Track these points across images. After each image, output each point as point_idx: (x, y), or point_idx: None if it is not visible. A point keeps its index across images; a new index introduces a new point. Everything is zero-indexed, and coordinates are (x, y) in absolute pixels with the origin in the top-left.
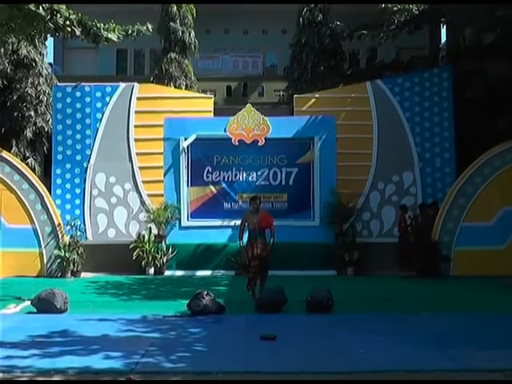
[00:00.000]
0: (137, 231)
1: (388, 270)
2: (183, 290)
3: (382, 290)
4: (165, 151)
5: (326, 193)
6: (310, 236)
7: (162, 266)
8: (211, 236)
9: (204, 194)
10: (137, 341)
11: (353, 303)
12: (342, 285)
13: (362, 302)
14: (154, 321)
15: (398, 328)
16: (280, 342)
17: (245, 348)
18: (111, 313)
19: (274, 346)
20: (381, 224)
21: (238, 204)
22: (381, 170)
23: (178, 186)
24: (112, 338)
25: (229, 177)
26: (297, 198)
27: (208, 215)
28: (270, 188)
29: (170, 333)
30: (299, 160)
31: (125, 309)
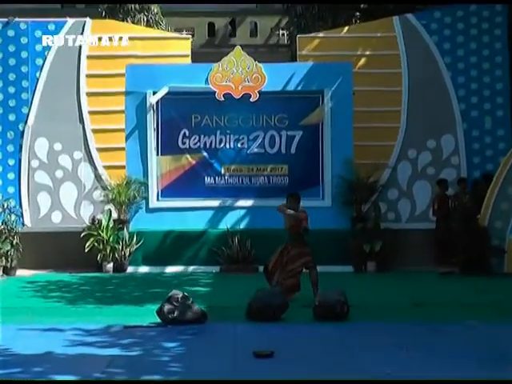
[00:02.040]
0: (90, 215)
1: (422, 264)
2: (152, 292)
3: (414, 291)
4: (126, 109)
5: (339, 164)
6: (318, 220)
7: (123, 261)
8: (188, 220)
9: (179, 166)
10: (90, 360)
11: (374, 309)
12: (361, 285)
13: (386, 307)
14: (112, 333)
15: (435, 341)
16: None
17: (233, 368)
18: (56, 322)
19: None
20: (412, 205)
21: (224, 178)
22: (412, 133)
23: (144, 154)
24: (57, 357)
25: (212, 143)
26: (301, 170)
27: (184, 193)
28: (266, 157)
29: (135, 349)
30: (304, 121)
31: (74, 317)
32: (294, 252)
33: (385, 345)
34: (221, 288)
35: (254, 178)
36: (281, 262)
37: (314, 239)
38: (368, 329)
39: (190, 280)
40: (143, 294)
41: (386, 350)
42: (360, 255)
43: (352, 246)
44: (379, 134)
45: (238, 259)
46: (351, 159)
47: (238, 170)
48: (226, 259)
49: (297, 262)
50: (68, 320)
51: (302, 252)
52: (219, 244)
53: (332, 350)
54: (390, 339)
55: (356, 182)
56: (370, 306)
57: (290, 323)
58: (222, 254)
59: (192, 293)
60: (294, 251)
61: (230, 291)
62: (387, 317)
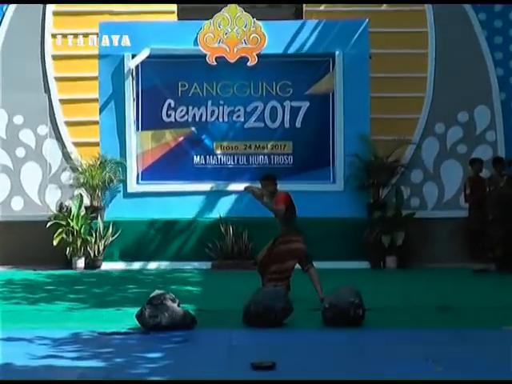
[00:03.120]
0: (57, 201)
1: (451, 260)
2: (131, 293)
3: (442, 291)
4: (100, 75)
5: (353, 140)
6: (328, 208)
7: (97, 256)
8: (174, 208)
9: (163, 143)
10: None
11: (395, 313)
12: (379, 284)
13: (408, 310)
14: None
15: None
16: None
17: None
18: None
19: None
20: (440, 189)
21: (216, 157)
22: (440, 104)
23: (121, 129)
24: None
25: (202, 115)
26: (308, 148)
27: (169, 175)
28: (266, 133)
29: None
30: (311, 89)
31: (39, 323)
32: (282, 248)
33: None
34: (213, 288)
35: (251, 156)
36: (268, 258)
37: (323, 230)
38: (387, 336)
39: (176, 278)
40: (120, 294)
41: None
42: (378, 249)
43: (368, 238)
44: (401, 105)
45: (233, 253)
46: (367, 135)
47: (232, 147)
48: (218, 253)
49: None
50: (31, 326)
51: (290, 249)
52: (211, 236)
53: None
54: (413, 348)
55: (373, 161)
56: (389, 309)
57: (295, 329)
58: (214, 247)
59: (179, 293)
60: (281, 247)
61: (224, 291)
62: (410, 322)
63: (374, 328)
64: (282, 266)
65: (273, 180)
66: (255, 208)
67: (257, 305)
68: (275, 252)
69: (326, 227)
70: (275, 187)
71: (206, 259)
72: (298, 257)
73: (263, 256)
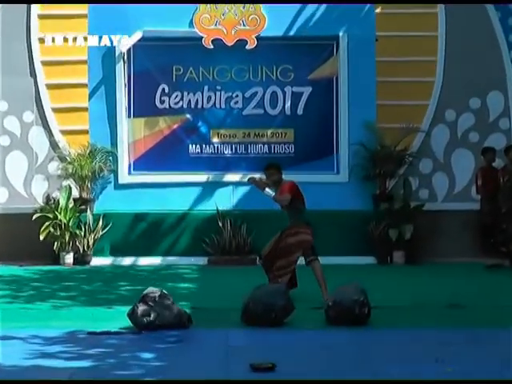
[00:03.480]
0: (44, 192)
1: (462, 255)
2: (122, 290)
3: (452, 288)
4: (90, 59)
5: (358, 128)
6: (331, 200)
7: (86, 251)
8: (168, 199)
9: (157, 131)
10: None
11: (402, 311)
12: (386, 280)
13: (417, 309)
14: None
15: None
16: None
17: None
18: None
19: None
20: (450, 180)
21: (213, 146)
22: (450, 89)
23: (112, 117)
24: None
25: (197, 101)
26: (310, 136)
27: (163, 165)
28: (266, 120)
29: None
30: (314, 74)
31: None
32: (289, 241)
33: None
34: (209, 285)
35: (250, 145)
36: (274, 252)
37: (326, 224)
38: (394, 336)
39: (170, 275)
40: (111, 292)
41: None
42: (385, 243)
43: (375, 231)
44: (409, 90)
45: (231, 248)
46: (373, 122)
47: (230, 135)
48: (215, 248)
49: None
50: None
51: (297, 241)
52: (207, 229)
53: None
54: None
55: (379, 151)
56: (396, 307)
57: (296, 329)
58: (211, 241)
59: (173, 291)
60: (288, 240)
61: (221, 289)
62: (418, 321)
63: (380, 327)
64: (288, 259)
65: (277, 169)
66: (254, 200)
67: (256, 303)
68: (281, 246)
69: (329, 220)
70: (280, 176)
71: (203, 254)
72: (304, 248)
73: (269, 250)
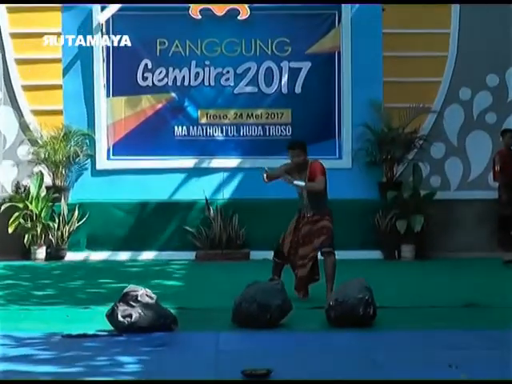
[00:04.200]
0: (13, 180)
1: (478, 249)
2: (100, 288)
3: (467, 286)
4: (64, 31)
5: (363, 108)
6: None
7: (60, 245)
8: (151, 188)
9: (139, 111)
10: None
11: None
12: (393, 277)
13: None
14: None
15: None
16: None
17: None
18: None
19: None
20: (465, 165)
21: (201, 128)
22: (465, 65)
23: (89, 95)
24: None
25: (184, 78)
26: (309, 117)
27: (145, 149)
28: (261, 99)
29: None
30: (314, 47)
31: None
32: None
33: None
34: (197, 282)
35: (243, 127)
36: (296, 242)
37: None
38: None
39: (153, 271)
40: (88, 290)
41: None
42: (392, 236)
43: (381, 223)
44: (419, 66)
45: (221, 242)
46: (380, 102)
47: (220, 116)
48: (204, 242)
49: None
50: None
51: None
52: (195, 221)
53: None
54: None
55: (386, 133)
56: (405, 307)
57: (294, 331)
58: (199, 234)
59: (157, 289)
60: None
61: (210, 287)
62: (430, 322)
63: (387, 329)
64: (308, 248)
65: (303, 148)
66: (247, 188)
67: (249, 302)
68: (304, 234)
69: None
70: (306, 157)
71: (190, 248)
72: (324, 235)
73: (289, 241)
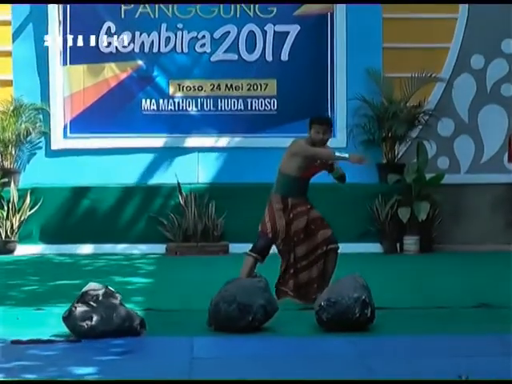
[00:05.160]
0: None
1: (492, 241)
2: (56, 287)
3: (479, 284)
4: None
5: (359, 78)
6: None
7: (10, 236)
8: (115, 170)
9: (100, 82)
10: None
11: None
12: (394, 273)
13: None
14: None
15: None
16: None
17: None
18: None
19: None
20: (477, 145)
21: (173, 102)
22: (478, 28)
23: (42, 63)
24: None
25: (153, 44)
26: (298, 88)
27: (108, 126)
28: (241, 68)
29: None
30: (302, 8)
31: None
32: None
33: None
34: (168, 279)
35: (221, 100)
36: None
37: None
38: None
39: (118, 266)
40: (42, 289)
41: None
42: (393, 226)
43: (380, 211)
44: (425, 29)
45: (196, 233)
46: (379, 71)
47: (195, 88)
48: (176, 233)
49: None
50: None
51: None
52: (165, 208)
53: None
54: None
55: (387, 107)
56: (408, 308)
57: (280, 336)
58: (170, 224)
59: (122, 287)
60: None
61: (183, 285)
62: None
63: (387, 334)
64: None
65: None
66: (226, 171)
67: (228, 302)
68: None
69: (321, 197)
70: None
71: (160, 241)
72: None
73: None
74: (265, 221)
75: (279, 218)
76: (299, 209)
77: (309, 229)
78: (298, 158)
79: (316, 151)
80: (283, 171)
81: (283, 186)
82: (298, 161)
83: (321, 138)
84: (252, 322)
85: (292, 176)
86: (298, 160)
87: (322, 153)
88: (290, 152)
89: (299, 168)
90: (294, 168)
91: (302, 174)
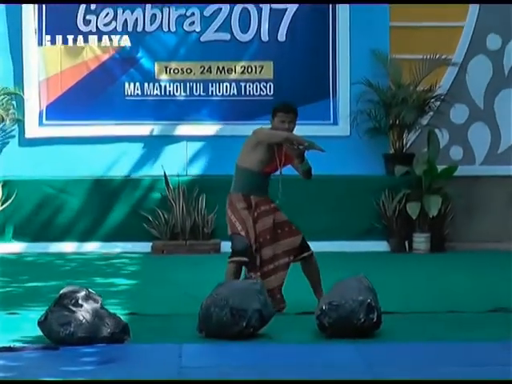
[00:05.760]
0: None
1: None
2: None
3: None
4: None
5: (364, 60)
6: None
7: None
8: (96, 161)
9: (79, 64)
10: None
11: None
12: (402, 275)
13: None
14: None
15: None
16: None
17: None
18: None
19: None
20: (494, 133)
21: (159, 86)
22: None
23: (16, 43)
24: None
25: (137, 22)
26: (296, 71)
27: (88, 112)
28: (234, 48)
29: None
30: None
31: None
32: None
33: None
34: (154, 281)
35: (212, 84)
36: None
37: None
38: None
39: (99, 267)
40: (16, 291)
41: None
42: (402, 223)
43: (387, 206)
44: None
45: (185, 230)
46: (386, 52)
47: (184, 70)
48: (162, 230)
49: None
50: None
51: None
52: (151, 202)
53: None
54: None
55: (394, 92)
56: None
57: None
58: (157, 220)
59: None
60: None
61: (171, 287)
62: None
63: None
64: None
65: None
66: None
67: (220, 307)
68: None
69: (322, 191)
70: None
71: (145, 238)
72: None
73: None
74: (232, 222)
75: (246, 217)
76: (263, 208)
77: (275, 232)
78: (262, 149)
79: (287, 134)
80: (243, 166)
81: (244, 183)
82: (261, 153)
83: (286, 128)
84: (246, 328)
85: (253, 171)
86: (260, 152)
87: (292, 135)
88: (253, 141)
89: (261, 162)
90: (255, 162)
91: (264, 168)
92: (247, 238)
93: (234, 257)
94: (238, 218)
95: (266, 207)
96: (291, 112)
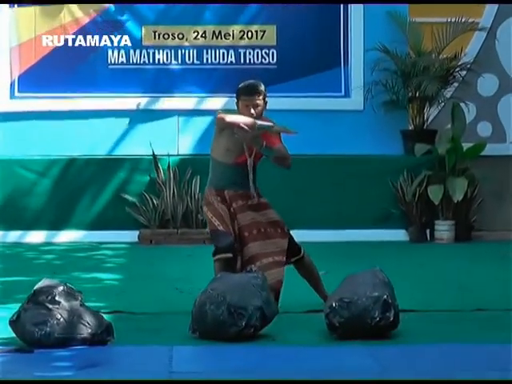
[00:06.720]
0: None
1: None
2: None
3: None
4: None
5: (379, 23)
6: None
7: None
8: (76, 138)
9: (56, 28)
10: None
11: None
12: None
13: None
14: None
15: None
16: None
17: None
18: None
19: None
20: None
21: (147, 53)
22: None
23: None
24: None
25: None
26: (302, 37)
27: (66, 83)
28: (233, 11)
29: None
30: None
31: None
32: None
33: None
34: (141, 274)
35: (207, 51)
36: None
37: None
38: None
39: (79, 258)
40: None
41: None
42: (422, 209)
43: (406, 190)
44: None
45: (176, 216)
46: (404, 15)
47: (175, 35)
48: (150, 216)
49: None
50: None
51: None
52: (138, 185)
53: None
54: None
55: (414, 60)
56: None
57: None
58: (144, 205)
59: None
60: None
61: (160, 281)
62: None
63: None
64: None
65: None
66: None
67: (216, 304)
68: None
69: (333, 173)
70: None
71: (130, 226)
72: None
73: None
74: (209, 218)
75: (223, 211)
76: (241, 202)
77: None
78: (225, 136)
79: (236, 118)
80: (212, 155)
81: (216, 177)
82: (224, 141)
83: (250, 114)
84: (246, 329)
85: (223, 163)
86: (223, 140)
87: (241, 120)
88: (216, 128)
89: (228, 151)
90: (223, 150)
91: (235, 159)
92: (228, 232)
93: (217, 254)
94: (215, 214)
95: (243, 202)
96: (255, 94)
